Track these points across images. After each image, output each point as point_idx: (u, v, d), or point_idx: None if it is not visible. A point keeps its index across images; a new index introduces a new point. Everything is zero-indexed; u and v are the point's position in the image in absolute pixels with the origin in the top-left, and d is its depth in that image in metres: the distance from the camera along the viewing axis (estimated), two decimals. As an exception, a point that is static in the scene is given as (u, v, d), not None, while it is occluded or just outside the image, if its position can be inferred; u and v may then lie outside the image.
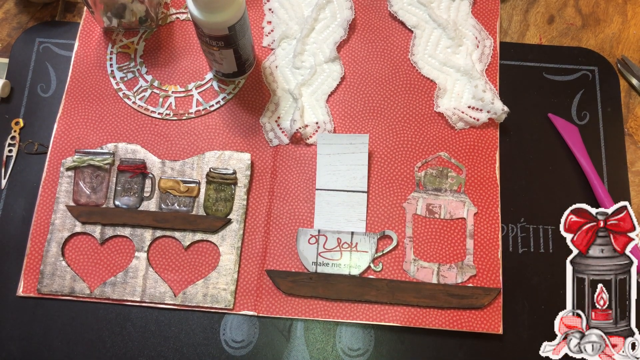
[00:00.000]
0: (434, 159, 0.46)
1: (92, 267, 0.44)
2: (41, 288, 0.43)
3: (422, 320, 0.42)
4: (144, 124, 0.47)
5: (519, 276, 0.44)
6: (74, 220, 0.44)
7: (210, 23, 0.40)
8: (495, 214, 0.45)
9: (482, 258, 0.44)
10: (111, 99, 0.48)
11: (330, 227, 0.44)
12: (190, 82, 0.49)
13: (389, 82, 0.48)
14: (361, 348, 0.42)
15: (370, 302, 0.43)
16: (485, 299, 0.42)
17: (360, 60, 0.49)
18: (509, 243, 0.45)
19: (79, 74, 0.48)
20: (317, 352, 0.42)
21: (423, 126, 0.47)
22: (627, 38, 0.51)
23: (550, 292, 0.43)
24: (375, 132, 0.47)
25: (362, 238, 0.44)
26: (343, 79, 0.48)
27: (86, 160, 0.45)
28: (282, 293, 0.43)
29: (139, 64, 0.49)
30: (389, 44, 0.49)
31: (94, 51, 0.49)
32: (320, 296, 0.43)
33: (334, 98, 0.48)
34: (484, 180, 0.46)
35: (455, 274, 0.43)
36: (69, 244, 0.44)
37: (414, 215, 0.45)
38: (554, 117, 0.47)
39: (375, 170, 0.46)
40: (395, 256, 0.44)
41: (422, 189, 0.45)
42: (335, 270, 0.43)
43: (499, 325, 0.42)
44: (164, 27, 0.50)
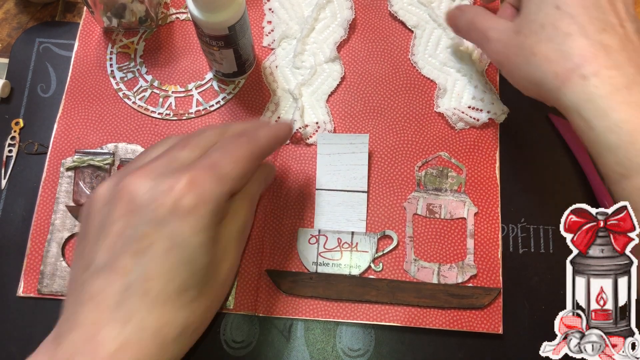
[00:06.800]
0: (434, 158, 0.46)
1: (92, 267, 0.44)
2: (41, 288, 0.43)
3: (422, 320, 0.42)
4: (144, 124, 0.47)
5: (519, 276, 0.44)
6: (74, 221, 0.44)
7: (210, 23, 0.40)
8: (495, 213, 0.45)
9: (482, 258, 0.44)
10: (111, 99, 0.48)
11: (331, 227, 0.44)
12: (190, 82, 0.49)
13: (389, 82, 0.48)
14: (361, 348, 0.42)
15: (370, 302, 0.43)
16: (485, 299, 0.42)
17: (361, 60, 0.49)
18: (509, 243, 0.45)
19: (79, 74, 0.48)
20: (318, 352, 0.42)
21: (423, 126, 0.47)
22: (627, 38, 0.51)
23: (550, 292, 0.43)
24: (375, 132, 0.47)
25: (363, 238, 0.44)
26: (343, 78, 0.48)
27: (86, 161, 0.45)
28: (282, 293, 0.43)
29: (139, 64, 0.49)
30: (389, 43, 0.49)
31: (94, 51, 0.49)
32: (321, 296, 0.43)
33: (334, 98, 0.48)
34: (484, 180, 0.46)
35: (455, 273, 0.43)
36: (69, 244, 0.44)
37: (415, 215, 0.45)
38: (554, 117, 0.47)
39: (376, 170, 0.46)
40: (396, 256, 0.44)
41: (422, 189, 0.45)
42: (336, 270, 0.43)
43: (499, 325, 0.42)
44: (164, 27, 0.50)
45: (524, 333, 0.43)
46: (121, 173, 0.32)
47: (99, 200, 0.31)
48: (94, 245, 0.30)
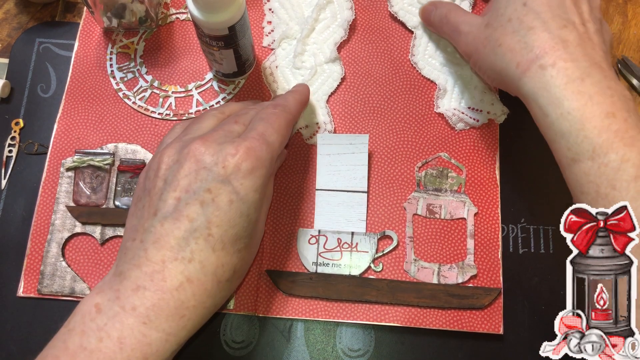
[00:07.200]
0: (434, 159, 0.46)
1: (92, 267, 0.44)
2: (41, 288, 0.43)
3: (422, 320, 0.42)
4: (144, 124, 0.47)
5: (519, 276, 0.44)
6: (74, 221, 0.44)
7: (210, 23, 0.40)
8: (495, 214, 0.45)
9: (482, 258, 0.44)
10: (111, 99, 0.48)
11: (331, 228, 0.44)
12: (190, 82, 0.49)
13: (389, 83, 0.48)
14: (361, 349, 0.42)
15: (370, 302, 0.43)
16: (485, 299, 0.42)
17: (361, 61, 0.49)
18: (509, 244, 0.45)
19: (79, 74, 0.48)
20: (318, 352, 0.42)
21: (423, 127, 0.47)
22: (628, 38, 0.51)
23: (550, 292, 0.43)
24: (375, 132, 0.47)
25: (363, 238, 0.44)
26: (343, 79, 0.48)
27: (86, 161, 0.45)
28: (282, 293, 0.43)
29: (139, 64, 0.49)
30: (390, 44, 0.49)
31: (94, 51, 0.49)
32: (321, 296, 0.43)
33: (334, 98, 0.48)
34: (484, 180, 0.46)
35: (455, 274, 0.43)
36: (69, 245, 0.44)
37: (415, 216, 0.45)
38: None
39: (376, 170, 0.46)
40: (396, 256, 0.44)
41: (422, 189, 0.45)
42: (336, 270, 0.43)
43: (499, 325, 0.42)
44: (164, 27, 0.50)
45: (524, 333, 0.43)
46: (182, 140, 0.36)
47: (164, 162, 0.35)
48: (160, 197, 0.34)
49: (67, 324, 0.33)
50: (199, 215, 0.33)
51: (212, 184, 0.33)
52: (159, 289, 0.32)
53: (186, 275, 0.33)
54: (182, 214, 0.33)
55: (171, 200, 0.34)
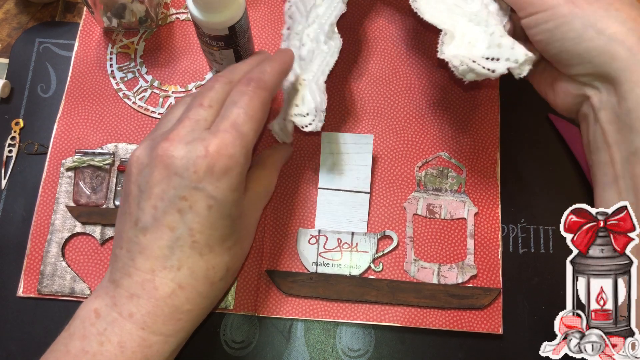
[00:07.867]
0: (434, 159, 0.46)
1: (92, 267, 0.44)
2: (41, 288, 0.43)
3: (422, 320, 0.42)
4: (144, 124, 0.47)
5: (519, 276, 0.44)
6: (74, 221, 0.44)
7: (210, 23, 0.40)
8: (495, 214, 0.45)
9: (482, 258, 0.44)
10: (111, 99, 0.48)
11: (332, 228, 0.44)
12: (190, 82, 0.49)
13: (390, 83, 0.48)
14: (361, 349, 0.42)
15: (370, 302, 0.43)
16: (485, 299, 0.42)
17: (361, 61, 0.49)
18: (509, 244, 0.45)
19: (79, 74, 0.48)
20: (318, 352, 0.42)
21: (423, 126, 0.47)
22: (627, 38, 0.51)
23: (550, 292, 0.43)
24: (375, 132, 0.47)
25: (363, 238, 0.44)
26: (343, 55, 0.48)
27: (86, 161, 0.45)
28: (282, 293, 0.43)
29: (139, 64, 0.49)
30: (389, 42, 0.49)
31: (94, 51, 0.49)
32: (321, 296, 0.43)
33: (334, 98, 0.48)
34: (484, 180, 0.46)
35: (455, 274, 0.43)
36: (69, 245, 0.44)
37: (415, 216, 0.45)
38: (554, 118, 0.47)
39: (376, 169, 0.46)
40: (396, 256, 0.44)
41: (422, 189, 0.45)
42: (336, 270, 0.43)
43: (499, 325, 0.42)
44: (164, 27, 0.50)
45: (524, 333, 0.43)
46: (152, 138, 0.35)
47: (134, 166, 0.34)
48: (138, 206, 0.33)
49: (68, 328, 0.33)
50: (179, 224, 0.32)
51: (186, 192, 0.32)
52: (152, 296, 0.32)
53: (177, 282, 0.32)
54: (161, 224, 0.32)
55: (148, 209, 0.33)
